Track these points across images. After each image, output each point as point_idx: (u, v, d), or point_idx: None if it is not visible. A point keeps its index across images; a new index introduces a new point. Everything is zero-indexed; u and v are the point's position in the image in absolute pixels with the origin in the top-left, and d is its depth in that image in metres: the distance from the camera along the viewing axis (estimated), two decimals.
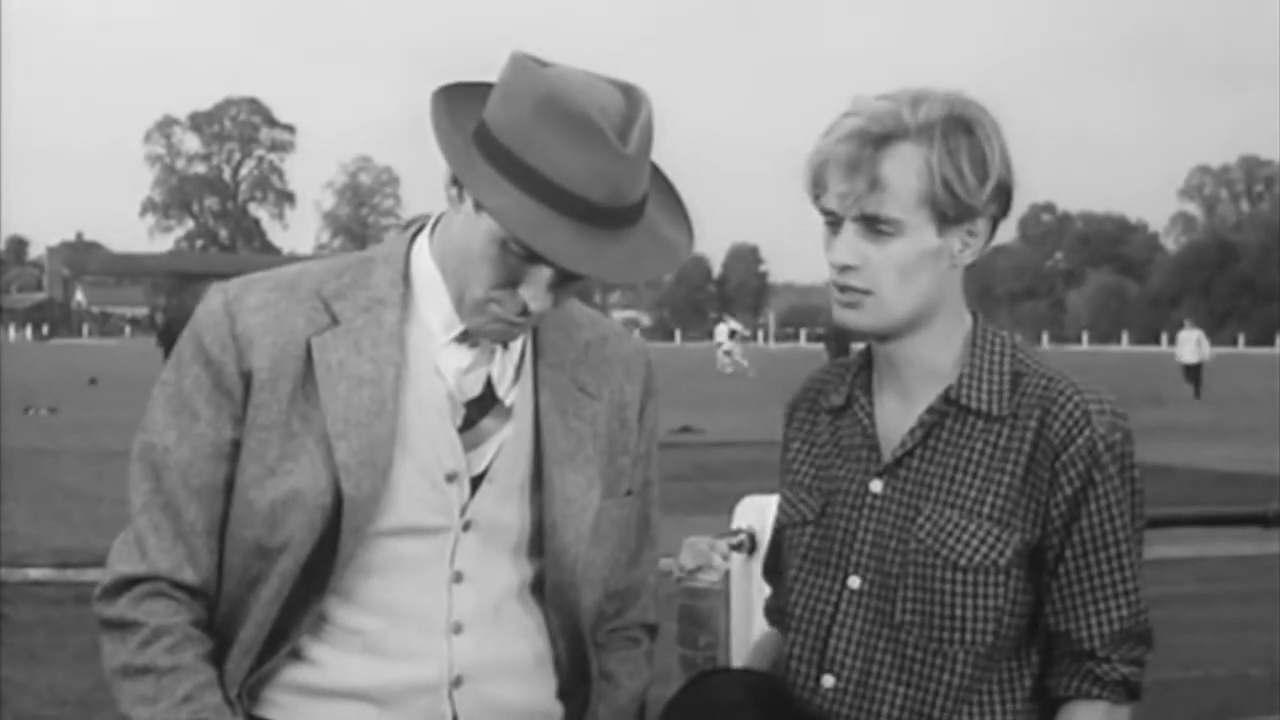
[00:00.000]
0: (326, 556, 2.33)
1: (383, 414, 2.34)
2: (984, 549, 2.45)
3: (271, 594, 2.34)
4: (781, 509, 2.67)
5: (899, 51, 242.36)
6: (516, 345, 2.48)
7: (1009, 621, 2.47)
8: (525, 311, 2.34)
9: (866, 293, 2.47)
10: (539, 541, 2.46)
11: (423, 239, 2.46)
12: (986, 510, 2.46)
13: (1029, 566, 2.48)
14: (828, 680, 2.51)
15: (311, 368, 2.35)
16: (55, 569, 10.36)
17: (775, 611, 2.77)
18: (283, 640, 2.36)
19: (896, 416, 2.55)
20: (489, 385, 2.43)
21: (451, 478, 2.40)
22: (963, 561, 2.45)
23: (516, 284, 2.32)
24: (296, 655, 2.38)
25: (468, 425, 2.41)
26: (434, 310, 2.41)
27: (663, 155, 2.42)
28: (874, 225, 2.44)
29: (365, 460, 2.32)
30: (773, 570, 2.77)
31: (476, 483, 2.42)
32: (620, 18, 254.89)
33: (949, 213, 2.45)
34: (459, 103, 2.36)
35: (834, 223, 2.48)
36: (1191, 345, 41.02)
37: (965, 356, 2.53)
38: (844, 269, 2.47)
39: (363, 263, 2.46)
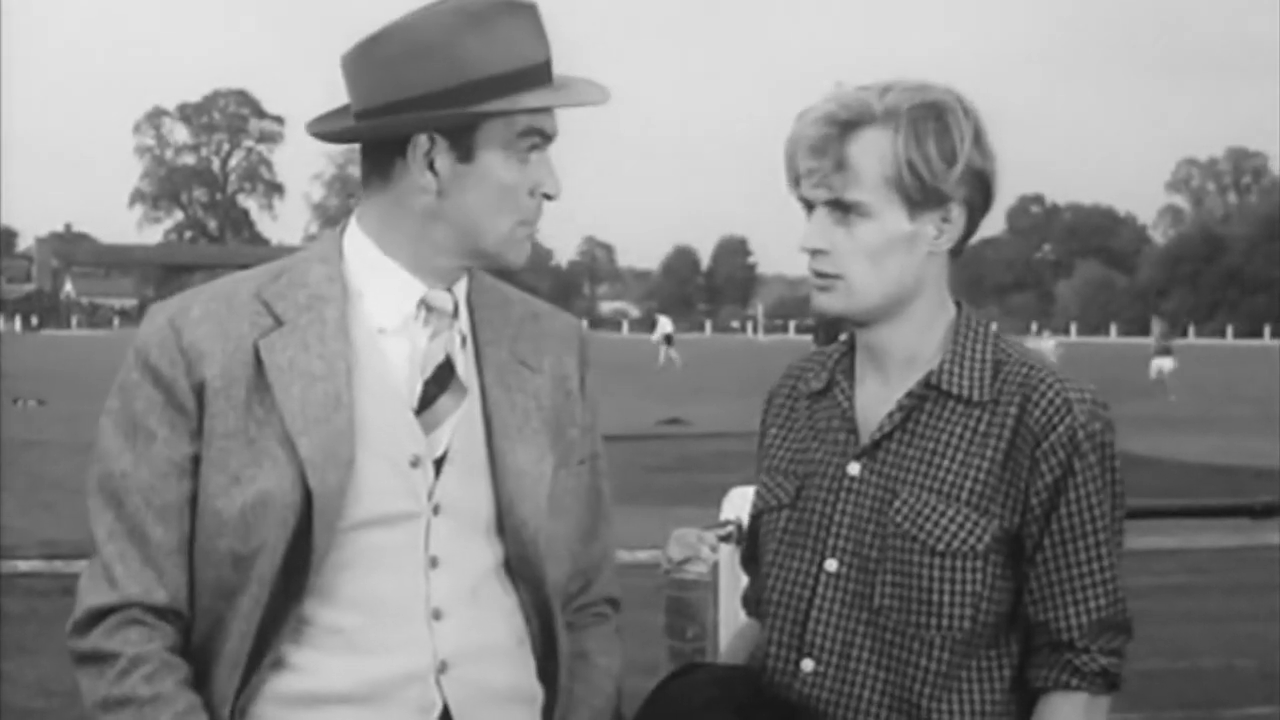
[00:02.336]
0: (301, 557, 2.31)
1: (339, 407, 2.34)
2: (962, 534, 2.45)
3: (251, 603, 2.31)
4: (758, 494, 2.67)
5: (888, 44, 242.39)
6: (463, 319, 2.49)
7: (987, 608, 2.47)
8: (547, 198, 2.43)
9: (837, 277, 2.50)
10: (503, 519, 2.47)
11: (352, 235, 2.47)
12: (964, 495, 2.46)
13: (1008, 554, 2.48)
14: (807, 664, 2.51)
15: (262, 371, 2.35)
16: (44, 560, 10.35)
17: (754, 601, 2.76)
18: (266, 650, 2.33)
19: (876, 401, 2.56)
20: (448, 360, 2.44)
21: (415, 462, 2.39)
22: (940, 546, 2.45)
23: (534, 187, 2.41)
24: (280, 664, 2.35)
25: (425, 405, 2.42)
26: (377, 299, 2.42)
27: (653, 149, 2.46)
28: (842, 209, 2.47)
29: (329, 454, 2.31)
30: (750, 560, 2.76)
31: (439, 467, 2.41)
32: (609, 8, 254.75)
33: (916, 197, 2.46)
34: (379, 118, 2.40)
35: (808, 208, 2.51)
36: None
37: (947, 344, 2.54)
38: (815, 253, 2.50)
39: (297, 263, 2.47)
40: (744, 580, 2.85)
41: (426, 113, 2.35)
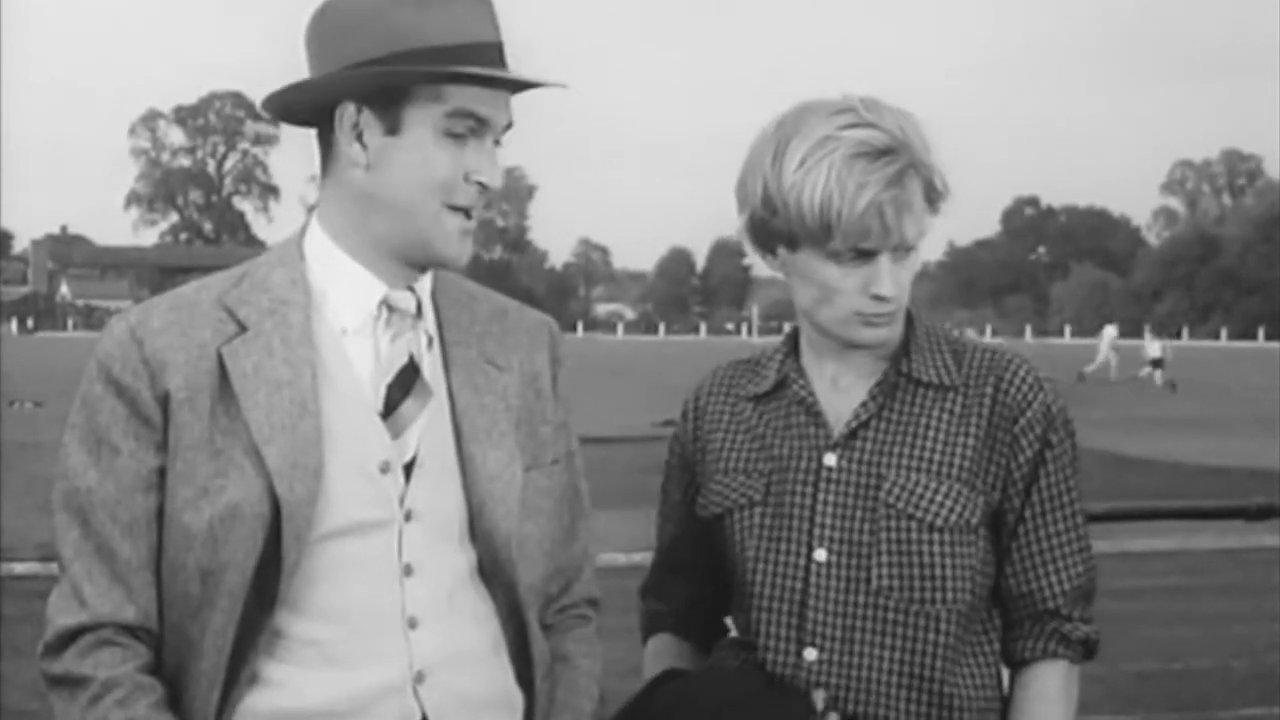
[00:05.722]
0: (273, 569, 2.27)
1: (305, 414, 2.29)
2: (957, 509, 2.51)
3: (223, 618, 2.26)
4: (718, 494, 2.65)
5: (881, 47, 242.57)
6: (428, 319, 2.44)
7: (981, 581, 2.54)
8: (483, 188, 2.34)
9: (896, 311, 2.53)
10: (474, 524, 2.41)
11: (312, 235, 2.42)
12: (954, 472, 2.52)
13: (991, 529, 2.56)
14: (810, 653, 2.53)
15: (227, 379, 2.30)
16: (40, 562, 10.35)
17: (668, 616, 2.78)
18: (242, 666, 2.28)
19: (841, 393, 2.60)
20: (411, 360, 2.39)
21: (385, 468, 2.34)
22: (939, 522, 2.50)
23: (468, 173, 2.32)
24: (256, 680, 2.30)
25: (390, 410, 2.36)
26: (339, 300, 2.38)
27: (649, 151, 2.45)
28: (906, 249, 2.50)
29: (296, 463, 2.27)
30: (669, 571, 2.78)
31: (409, 472, 2.36)
32: (607, 10, 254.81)
33: (934, 203, 2.52)
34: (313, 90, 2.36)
35: (862, 255, 2.49)
36: None
37: (903, 333, 2.60)
38: (886, 298, 2.50)
39: (258, 267, 2.42)
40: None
41: (351, 77, 2.30)
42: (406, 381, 2.38)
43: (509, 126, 2.39)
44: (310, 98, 2.36)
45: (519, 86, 2.38)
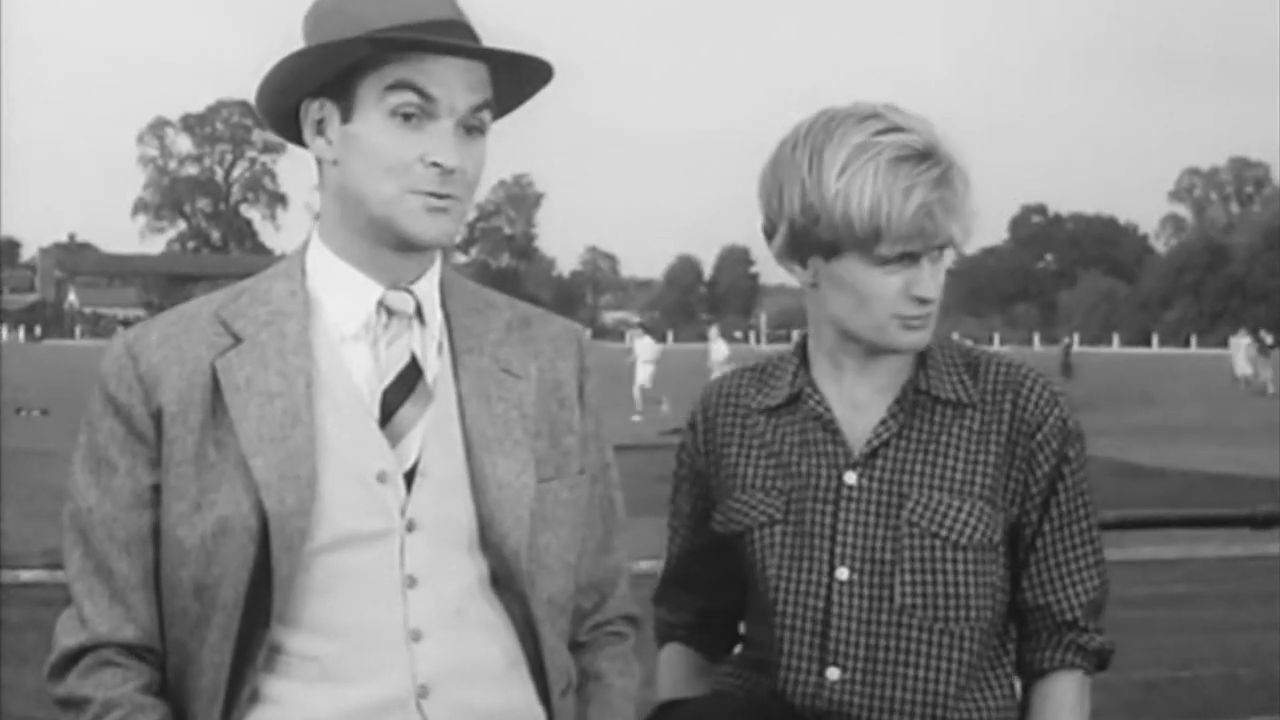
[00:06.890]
0: (267, 583, 2.23)
1: (298, 424, 2.26)
2: (981, 526, 2.52)
3: (219, 634, 2.24)
4: (737, 512, 2.64)
5: (888, 50, 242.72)
6: (435, 325, 2.39)
7: (1001, 599, 2.56)
8: (443, 170, 2.27)
9: (933, 313, 2.55)
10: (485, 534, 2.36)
11: (313, 246, 2.40)
12: (976, 490, 2.53)
13: (1009, 544, 2.58)
14: (832, 673, 2.52)
15: (220, 392, 2.28)
16: (46, 570, 10.33)
17: (679, 628, 2.80)
18: (242, 683, 2.25)
19: (857, 409, 2.60)
20: (413, 361, 2.35)
21: (382, 477, 2.29)
22: (963, 540, 2.51)
23: (423, 155, 2.26)
24: (257, 697, 2.26)
25: (388, 416, 2.32)
26: (338, 306, 2.35)
27: (656, 158, 2.43)
28: (946, 249, 2.53)
29: (286, 473, 2.23)
30: (680, 584, 2.79)
31: (410, 481, 2.31)
32: (614, 15, 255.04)
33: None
34: (291, 78, 2.34)
35: (907, 257, 2.50)
36: None
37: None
38: (929, 300, 2.52)
39: (260, 281, 2.40)
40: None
41: (288, 63, 2.30)
42: (406, 385, 2.34)
43: (483, 107, 2.32)
44: (277, 100, 2.34)
45: (474, 56, 2.31)
